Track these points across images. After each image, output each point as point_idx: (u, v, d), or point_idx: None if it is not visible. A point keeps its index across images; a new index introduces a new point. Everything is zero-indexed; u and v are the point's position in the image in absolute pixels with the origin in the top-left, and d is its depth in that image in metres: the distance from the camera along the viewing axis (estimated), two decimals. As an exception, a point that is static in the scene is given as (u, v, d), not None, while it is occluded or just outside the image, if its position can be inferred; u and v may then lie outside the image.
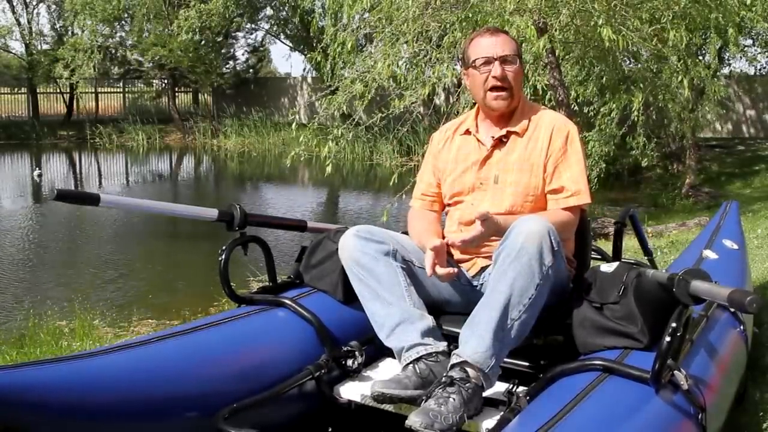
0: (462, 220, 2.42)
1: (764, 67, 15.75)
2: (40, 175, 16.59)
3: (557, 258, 2.10)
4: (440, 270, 2.21)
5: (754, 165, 13.91)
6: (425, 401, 1.98)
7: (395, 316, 2.22)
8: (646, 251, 3.26)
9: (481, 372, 2.01)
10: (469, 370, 2.01)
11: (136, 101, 26.28)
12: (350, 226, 2.47)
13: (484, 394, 2.06)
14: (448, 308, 2.41)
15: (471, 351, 2.03)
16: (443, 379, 2.02)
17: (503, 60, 2.33)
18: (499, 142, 2.41)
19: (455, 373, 2.01)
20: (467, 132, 2.48)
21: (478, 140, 2.44)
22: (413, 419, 1.90)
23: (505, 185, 2.36)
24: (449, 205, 2.51)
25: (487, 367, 2.02)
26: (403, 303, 2.23)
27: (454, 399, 1.95)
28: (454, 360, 2.06)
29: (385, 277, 2.25)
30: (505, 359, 2.23)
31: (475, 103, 2.53)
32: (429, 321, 2.23)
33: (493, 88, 2.35)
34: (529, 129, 2.40)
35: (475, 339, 2.04)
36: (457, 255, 2.41)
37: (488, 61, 2.34)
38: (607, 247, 3.14)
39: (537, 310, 2.08)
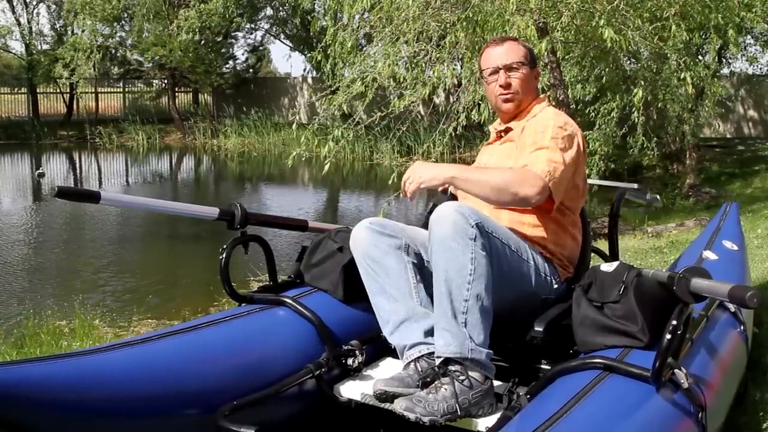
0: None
1: (764, 67, 15.75)
2: (41, 175, 16.58)
3: (483, 230, 2.09)
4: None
5: (755, 165, 13.90)
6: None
7: (400, 312, 2.22)
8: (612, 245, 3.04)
9: (467, 360, 2.02)
10: (458, 362, 2.02)
11: (136, 101, 26.27)
12: (351, 225, 2.47)
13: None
14: None
15: (443, 347, 2.05)
16: (440, 370, 2.04)
17: (508, 68, 2.48)
18: (500, 136, 2.58)
19: (451, 366, 2.03)
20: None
21: (492, 130, 2.66)
22: (398, 403, 1.97)
23: None
24: None
25: (467, 353, 2.03)
26: (410, 300, 2.23)
27: (445, 389, 1.98)
28: (437, 361, 2.08)
29: (394, 272, 2.25)
30: (506, 359, 2.24)
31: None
32: (433, 320, 2.22)
33: (501, 94, 2.50)
34: (526, 125, 2.47)
35: (442, 335, 2.07)
36: None
37: (495, 71, 2.50)
38: (607, 247, 3.13)
39: (486, 280, 2.07)
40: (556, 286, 2.35)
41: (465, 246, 2.05)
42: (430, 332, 2.18)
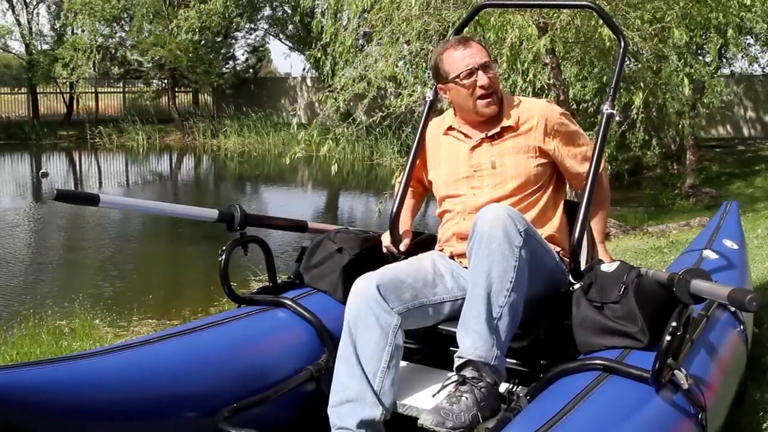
0: (466, 210, 2.40)
1: (765, 67, 15.73)
2: (45, 175, 16.57)
3: (529, 237, 2.09)
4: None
5: (755, 165, 13.90)
6: (437, 399, 1.98)
7: (350, 390, 2.08)
8: None
9: (487, 366, 2.01)
10: (476, 367, 2.01)
11: (136, 101, 26.22)
12: (350, 226, 2.47)
13: None
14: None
15: (470, 349, 2.03)
16: (456, 377, 2.01)
17: (484, 67, 2.38)
18: (491, 137, 2.44)
19: (467, 372, 2.01)
20: (450, 128, 2.53)
21: (464, 134, 2.49)
22: (425, 417, 1.92)
23: (504, 168, 2.40)
24: (444, 198, 2.52)
25: (491, 359, 2.02)
26: (365, 383, 2.08)
27: (466, 398, 1.96)
28: (457, 362, 2.05)
29: (369, 349, 2.11)
30: (506, 359, 2.24)
31: None
32: (378, 412, 2.07)
33: (482, 96, 2.39)
34: (520, 119, 2.43)
35: (470, 336, 2.04)
36: (455, 249, 2.41)
37: (471, 72, 2.37)
38: (607, 246, 3.12)
39: (523, 290, 2.08)
40: (570, 278, 2.33)
41: (511, 252, 2.04)
42: (368, 424, 2.06)
